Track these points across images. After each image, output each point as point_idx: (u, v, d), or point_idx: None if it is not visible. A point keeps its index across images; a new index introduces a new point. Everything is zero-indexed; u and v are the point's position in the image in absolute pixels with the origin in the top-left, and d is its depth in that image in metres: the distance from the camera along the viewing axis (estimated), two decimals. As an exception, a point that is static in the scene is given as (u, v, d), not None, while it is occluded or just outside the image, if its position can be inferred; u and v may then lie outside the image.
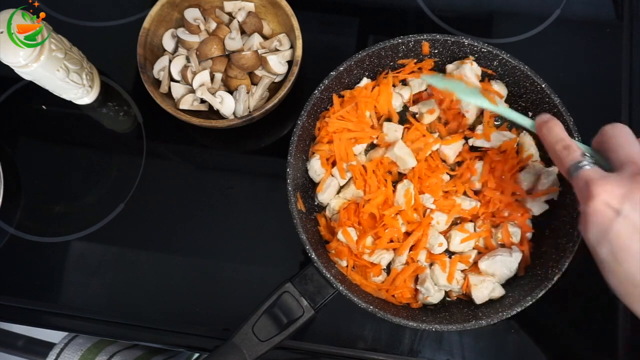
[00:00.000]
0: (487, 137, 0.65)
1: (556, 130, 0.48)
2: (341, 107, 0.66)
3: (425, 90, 0.70)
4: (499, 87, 0.67)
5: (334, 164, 0.66)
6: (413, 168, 0.65)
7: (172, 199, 0.73)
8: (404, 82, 0.71)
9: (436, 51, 0.67)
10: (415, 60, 0.69)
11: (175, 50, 0.73)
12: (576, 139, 0.61)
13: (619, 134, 0.44)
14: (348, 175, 0.66)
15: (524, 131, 0.67)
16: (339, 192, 0.67)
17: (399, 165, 0.65)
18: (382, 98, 0.68)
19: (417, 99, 0.70)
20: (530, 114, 0.66)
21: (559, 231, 0.61)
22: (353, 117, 0.66)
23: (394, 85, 0.69)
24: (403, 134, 0.67)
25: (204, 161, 0.75)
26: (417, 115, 0.69)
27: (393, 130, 0.67)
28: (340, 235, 0.63)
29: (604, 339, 0.67)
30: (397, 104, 0.69)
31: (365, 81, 0.69)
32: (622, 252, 0.39)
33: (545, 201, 0.64)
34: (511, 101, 0.68)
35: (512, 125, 0.68)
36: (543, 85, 0.63)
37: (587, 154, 0.46)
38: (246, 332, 0.58)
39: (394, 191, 0.64)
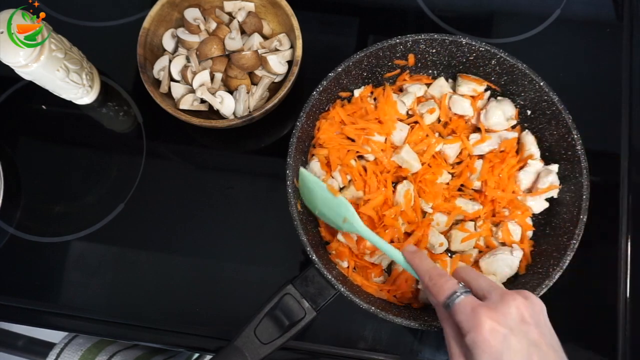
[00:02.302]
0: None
1: (428, 260, 0.52)
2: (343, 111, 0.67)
3: (423, 95, 0.70)
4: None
5: (333, 165, 0.66)
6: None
7: (172, 199, 0.72)
8: (400, 89, 0.70)
9: (434, 51, 0.67)
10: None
11: (175, 50, 0.73)
12: (575, 137, 0.61)
13: (470, 269, 0.51)
14: (348, 178, 0.66)
15: (527, 130, 0.67)
16: (339, 192, 0.67)
17: (404, 169, 0.65)
18: (387, 111, 0.66)
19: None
20: (529, 112, 0.66)
21: (559, 229, 0.62)
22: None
23: (395, 94, 0.69)
24: (408, 133, 0.67)
25: (204, 161, 0.75)
26: (416, 117, 0.69)
27: (399, 130, 0.66)
28: (340, 236, 0.63)
29: (604, 338, 0.67)
30: (402, 112, 0.68)
31: (358, 92, 0.69)
32: None
33: (545, 199, 0.64)
34: (510, 100, 0.68)
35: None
36: (541, 84, 0.63)
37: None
38: (248, 334, 0.58)
39: (393, 192, 0.64)
